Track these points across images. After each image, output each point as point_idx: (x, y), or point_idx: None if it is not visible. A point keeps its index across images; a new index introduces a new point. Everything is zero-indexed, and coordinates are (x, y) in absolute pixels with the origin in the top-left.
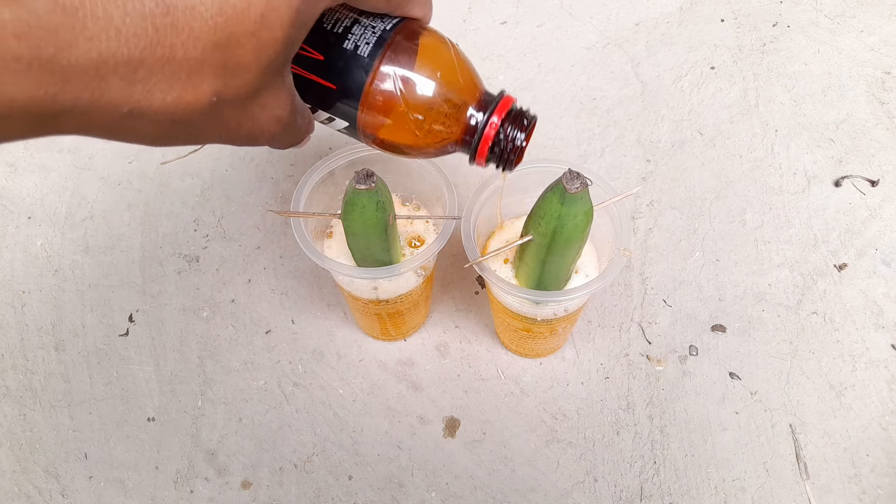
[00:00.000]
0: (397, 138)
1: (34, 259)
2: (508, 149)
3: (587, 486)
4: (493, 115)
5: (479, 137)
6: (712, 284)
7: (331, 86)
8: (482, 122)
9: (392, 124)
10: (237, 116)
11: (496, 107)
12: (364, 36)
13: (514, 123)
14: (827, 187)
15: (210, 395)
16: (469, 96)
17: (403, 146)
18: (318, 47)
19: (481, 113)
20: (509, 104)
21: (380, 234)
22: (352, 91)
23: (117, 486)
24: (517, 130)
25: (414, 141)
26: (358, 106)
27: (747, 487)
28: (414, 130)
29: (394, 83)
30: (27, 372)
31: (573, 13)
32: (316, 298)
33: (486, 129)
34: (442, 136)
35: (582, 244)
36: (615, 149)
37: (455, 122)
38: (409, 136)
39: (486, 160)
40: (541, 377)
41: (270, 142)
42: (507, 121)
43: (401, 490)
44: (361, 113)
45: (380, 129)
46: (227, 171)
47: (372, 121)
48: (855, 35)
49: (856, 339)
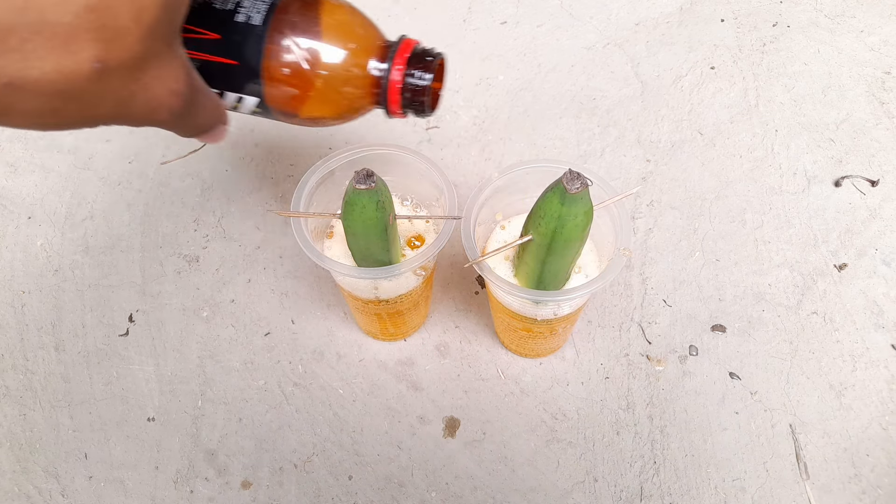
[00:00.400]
0: (308, 106)
1: (34, 259)
2: (418, 91)
3: (587, 486)
4: (395, 60)
5: (387, 87)
6: (712, 284)
7: (231, 62)
8: (386, 70)
9: (299, 92)
10: (128, 86)
11: (397, 52)
12: (255, 5)
13: (419, 65)
14: (827, 187)
15: (210, 395)
16: (370, 48)
17: (316, 114)
18: (212, 27)
19: (384, 63)
20: (410, 47)
21: (380, 234)
22: (252, 64)
23: (117, 486)
24: (423, 71)
25: (325, 106)
26: (261, 78)
27: (747, 487)
28: (322, 94)
29: (291, 46)
30: (27, 372)
31: (573, 13)
32: (316, 298)
33: (390, 76)
34: (351, 96)
35: (582, 244)
36: (615, 149)
37: (361, 78)
38: (319, 101)
39: (400, 108)
40: (541, 377)
41: (173, 120)
42: (411, 64)
43: (401, 490)
44: (266, 85)
45: (288, 98)
46: (227, 171)
47: (278, 91)
48: (855, 35)
49: (856, 339)
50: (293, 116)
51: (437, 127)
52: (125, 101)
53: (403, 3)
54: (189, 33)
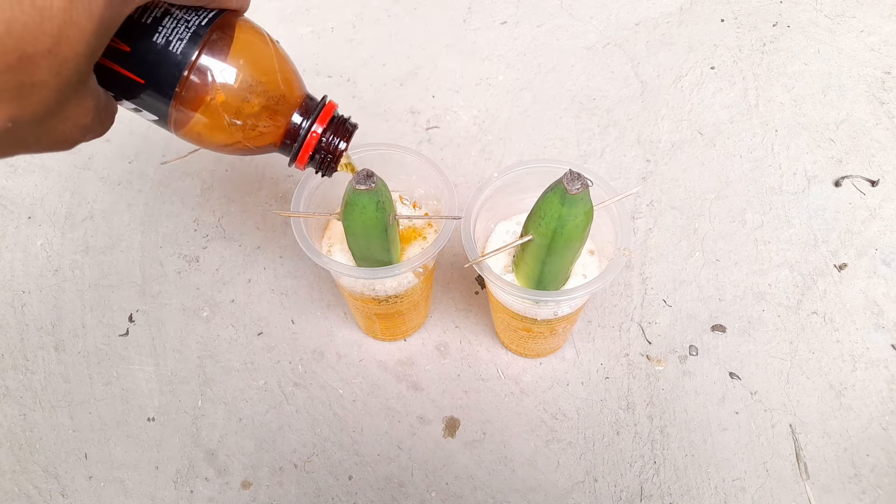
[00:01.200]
0: (212, 137)
1: (34, 259)
2: (329, 157)
3: (587, 486)
4: (316, 122)
5: (300, 144)
6: (712, 284)
7: (138, 80)
8: (304, 128)
9: (207, 123)
10: (36, 134)
11: (318, 114)
12: (177, 30)
13: (336, 132)
14: (827, 187)
15: (210, 395)
16: (290, 99)
17: (219, 145)
18: (123, 37)
19: (302, 119)
20: (332, 111)
21: (380, 234)
22: (163, 88)
23: (117, 486)
24: (338, 139)
25: (229, 141)
26: (170, 103)
27: (747, 487)
28: (230, 131)
29: (210, 83)
30: (27, 372)
31: (573, 13)
32: (316, 298)
33: (307, 136)
34: (260, 140)
35: (582, 244)
36: (615, 149)
37: (274, 126)
38: (225, 136)
39: (305, 166)
40: (541, 377)
41: (73, 146)
42: (328, 129)
43: (401, 490)
44: (174, 110)
45: (194, 127)
46: (227, 171)
47: (185, 118)
48: (855, 35)
49: (856, 339)
50: (191, 140)
51: (437, 127)
52: (31, 146)
53: (403, 3)
54: None
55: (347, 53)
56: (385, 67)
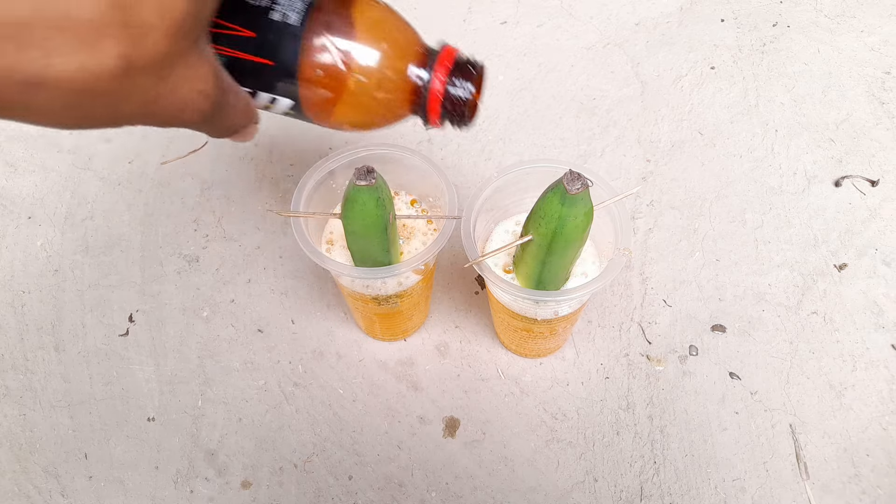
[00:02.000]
0: (345, 110)
1: (34, 259)
2: (460, 103)
3: (587, 486)
4: (437, 69)
5: (427, 96)
6: (712, 284)
7: (266, 62)
8: (427, 79)
9: (335, 95)
10: (155, 87)
11: (437, 60)
12: (291, 4)
13: (462, 75)
14: (827, 187)
15: (210, 395)
16: (409, 53)
17: (352, 118)
18: (246, 24)
19: (424, 70)
20: (452, 55)
21: (380, 233)
22: (287, 64)
23: (117, 486)
24: (466, 81)
25: (360, 110)
26: (296, 79)
27: (747, 487)
28: (358, 98)
29: (329, 48)
30: (27, 372)
31: (573, 13)
32: (316, 298)
33: (431, 85)
34: (388, 102)
35: (582, 244)
36: (615, 149)
37: (400, 84)
38: (356, 106)
39: (439, 118)
40: (541, 377)
41: (202, 121)
42: (453, 74)
43: (401, 490)
44: (302, 87)
45: (324, 102)
46: (227, 171)
47: (314, 94)
48: (855, 35)
49: (856, 339)
50: (327, 120)
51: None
52: (151, 102)
53: (403, 3)
54: (219, 28)
55: None
56: None
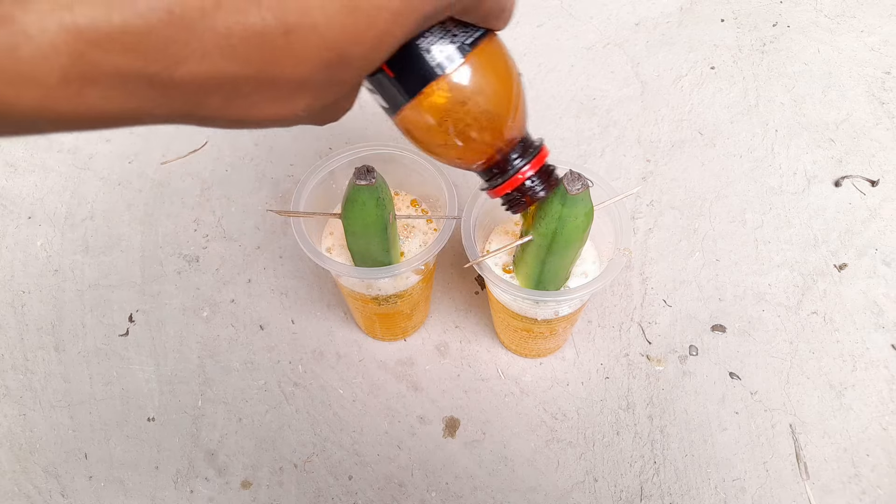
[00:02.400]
0: (429, 143)
1: (34, 259)
2: (529, 198)
3: (587, 486)
4: (529, 166)
5: (506, 179)
6: (712, 284)
7: (390, 73)
8: (515, 167)
9: (432, 132)
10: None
11: (533, 158)
12: (442, 41)
13: (541, 178)
14: (827, 187)
15: (210, 395)
16: (516, 134)
17: (429, 149)
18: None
19: (516, 155)
20: (544, 159)
21: (380, 233)
22: (409, 87)
23: (117, 486)
24: (541, 186)
25: (441, 152)
26: (408, 102)
27: (747, 487)
28: (448, 146)
29: (452, 99)
30: (27, 372)
31: (573, 13)
32: (316, 298)
33: (515, 174)
34: (471, 160)
35: (582, 244)
36: (615, 149)
37: (490, 153)
38: (441, 147)
39: (501, 197)
40: (541, 377)
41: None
42: (536, 174)
43: (401, 490)
44: (409, 109)
45: (418, 129)
46: (227, 171)
47: (415, 119)
48: (855, 35)
49: (856, 339)
50: (408, 134)
51: None
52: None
53: None
54: None
55: None
56: None
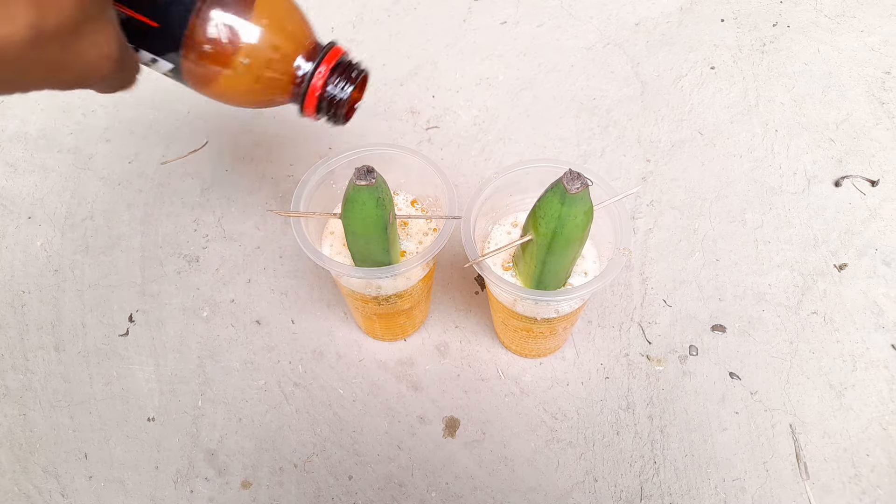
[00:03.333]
0: (223, 86)
1: (34, 259)
2: (337, 100)
3: (587, 486)
4: (322, 64)
5: (307, 87)
6: (712, 284)
7: (153, 24)
8: (310, 71)
9: (217, 70)
10: (63, 54)
11: (324, 56)
12: None
13: (343, 75)
14: (827, 187)
15: (210, 395)
16: (298, 44)
17: (230, 94)
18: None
19: (310, 63)
20: (338, 55)
21: (380, 233)
22: (175, 31)
23: (117, 486)
24: (346, 82)
25: (240, 89)
26: (181, 48)
27: (747, 487)
28: (240, 78)
29: (219, 25)
30: (27, 372)
31: (573, 13)
32: (316, 298)
33: (313, 78)
34: (270, 86)
35: (582, 244)
36: (615, 149)
37: (283, 72)
38: (236, 83)
39: (315, 112)
40: (541, 377)
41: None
42: (335, 72)
43: (401, 490)
44: (185, 57)
45: (206, 74)
46: (227, 171)
47: (196, 66)
48: (855, 35)
49: (856, 339)
50: (204, 91)
51: (437, 127)
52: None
53: (403, 2)
54: None
55: None
56: (385, 67)
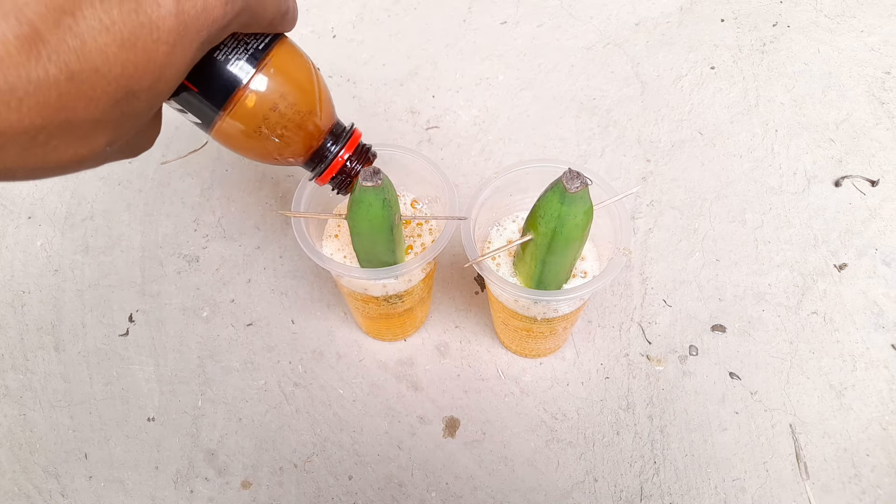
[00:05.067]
0: (248, 149)
1: (34, 259)
2: (348, 179)
3: (587, 486)
4: (344, 149)
5: (327, 166)
6: (712, 284)
7: (193, 88)
8: (332, 153)
9: (248, 138)
10: (120, 152)
11: (347, 142)
12: (237, 50)
13: (359, 158)
14: (827, 187)
15: (210, 395)
16: (325, 125)
17: (250, 154)
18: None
19: (331, 143)
20: (358, 141)
21: (385, 234)
22: (216, 99)
23: (117, 486)
24: (359, 165)
25: (262, 154)
26: (219, 114)
27: (747, 487)
28: (267, 147)
29: (259, 103)
30: (27, 372)
31: (573, 13)
32: (316, 298)
33: (334, 160)
34: (291, 155)
35: (582, 243)
36: (615, 149)
37: (307, 146)
38: (261, 151)
39: (327, 182)
40: (541, 377)
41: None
42: (353, 155)
43: (401, 490)
44: (222, 121)
45: (235, 137)
46: (227, 171)
47: (230, 129)
48: (855, 35)
49: (856, 339)
50: (227, 145)
51: (437, 127)
52: (112, 158)
53: (403, 2)
54: None
55: (347, 53)
56: (385, 67)
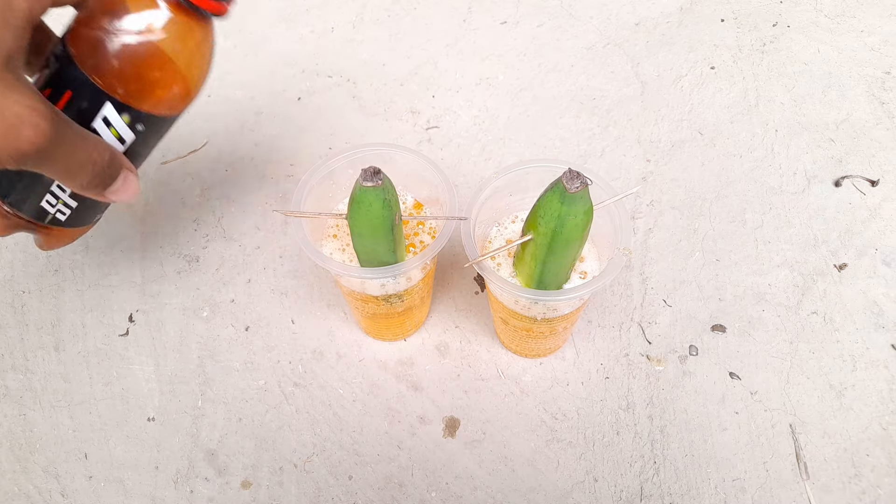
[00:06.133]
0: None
1: (34, 259)
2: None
3: (587, 486)
4: None
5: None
6: (712, 284)
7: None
8: None
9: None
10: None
11: None
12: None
13: None
14: (827, 187)
15: (210, 395)
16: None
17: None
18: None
19: None
20: None
21: (386, 234)
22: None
23: (117, 486)
24: None
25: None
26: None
27: (747, 487)
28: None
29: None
30: (27, 372)
31: (573, 13)
32: (316, 298)
33: None
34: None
35: (582, 243)
36: (615, 149)
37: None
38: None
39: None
40: (541, 377)
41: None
42: None
43: (401, 490)
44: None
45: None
46: (227, 171)
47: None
48: (855, 35)
49: (856, 339)
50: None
51: (437, 127)
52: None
53: (403, 3)
54: None
55: (347, 53)
56: (385, 67)
